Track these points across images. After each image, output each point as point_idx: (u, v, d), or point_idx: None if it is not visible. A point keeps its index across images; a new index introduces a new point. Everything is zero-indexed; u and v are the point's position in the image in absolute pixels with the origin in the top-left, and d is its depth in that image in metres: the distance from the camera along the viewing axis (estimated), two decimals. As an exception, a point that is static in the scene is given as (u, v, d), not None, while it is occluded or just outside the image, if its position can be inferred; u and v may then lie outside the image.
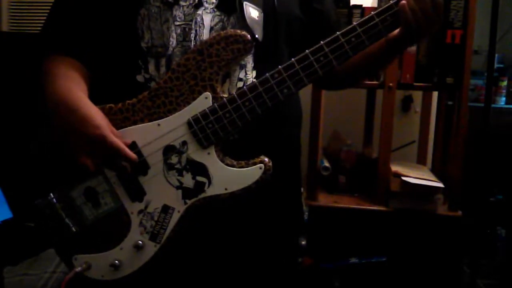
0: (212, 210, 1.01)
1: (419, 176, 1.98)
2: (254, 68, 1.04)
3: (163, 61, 1.02)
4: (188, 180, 0.97)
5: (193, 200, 0.97)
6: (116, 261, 0.98)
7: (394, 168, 2.01)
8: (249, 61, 1.03)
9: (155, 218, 0.98)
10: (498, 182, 2.93)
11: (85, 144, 0.94)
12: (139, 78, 1.03)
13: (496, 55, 2.50)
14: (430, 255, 1.98)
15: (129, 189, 0.99)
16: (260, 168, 0.95)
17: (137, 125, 0.99)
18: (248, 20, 0.99)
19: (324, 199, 2.10)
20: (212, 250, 1.07)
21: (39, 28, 1.12)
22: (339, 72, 1.13)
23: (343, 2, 2.06)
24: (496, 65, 2.99)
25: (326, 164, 2.12)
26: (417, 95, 2.53)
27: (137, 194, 0.99)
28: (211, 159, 0.97)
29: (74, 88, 0.99)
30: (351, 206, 2.04)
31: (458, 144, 2.00)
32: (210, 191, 0.96)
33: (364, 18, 0.96)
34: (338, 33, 0.95)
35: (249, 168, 0.96)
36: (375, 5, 2.07)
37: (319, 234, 2.01)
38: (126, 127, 0.99)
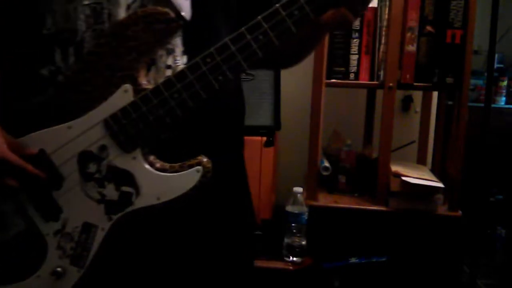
0: (149, 220, 0.87)
1: (419, 176, 1.98)
2: (184, 52, 0.88)
3: (71, 50, 0.85)
4: (111, 191, 0.82)
5: (119, 214, 0.82)
6: None
7: (394, 168, 2.01)
8: (178, 44, 0.87)
9: (75, 239, 0.82)
10: (498, 182, 2.93)
11: None
12: (44, 71, 0.86)
13: (496, 55, 2.51)
14: (430, 255, 1.98)
15: (41, 207, 0.83)
16: (198, 171, 0.80)
17: (44, 130, 0.83)
18: None
19: (324, 199, 2.09)
20: (157, 263, 0.92)
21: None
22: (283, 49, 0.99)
23: (343, 2, 2.06)
24: (496, 65, 3.00)
25: (326, 164, 2.12)
26: (417, 95, 2.53)
27: (52, 212, 0.83)
28: (137, 165, 0.81)
29: None
30: (351, 206, 2.04)
31: (458, 144, 2.00)
32: (139, 203, 0.81)
33: None
34: (277, 5, 0.80)
35: (184, 172, 0.81)
36: (375, 5, 2.07)
37: (319, 234, 2.01)
38: (30, 132, 0.83)
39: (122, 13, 0.84)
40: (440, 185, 1.95)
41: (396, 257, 1.97)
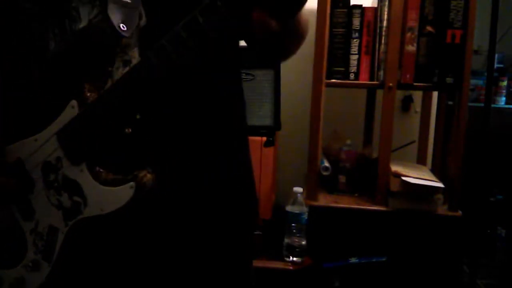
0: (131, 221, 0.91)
1: (419, 176, 1.98)
2: None
3: (44, 67, 0.91)
4: (65, 200, 0.88)
5: (72, 221, 0.88)
6: (17, 279, 0.94)
7: (394, 168, 2.01)
8: (135, 55, 0.86)
9: (44, 238, 0.91)
10: (498, 182, 2.93)
11: None
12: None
13: (496, 55, 2.51)
14: (430, 255, 1.98)
15: (20, 208, 0.93)
16: (131, 187, 0.82)
17: (19, 142, 0.92)
18: (111, 9, 0.83)
19: (324, 199, 2.10)
20: (146, 263, 0.95)
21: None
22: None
23: (343, 2, 2.07)
24: (496, 65, 2.99)
25: (326, 164, 2.12)
26: (417, 95, 2.53)
27: (27, 213, 0.93)
28: (84, 177, 0.86)
29: None
30: (351, 206, 2.04)
31: (458, 144, 2.00)
32: (86, 212, 0.86)
33: None
34: (196, 11, 0.75)
35: (119, 187, 0.83)
36: (375, 5, 2.07)
37: (319, 234, 2.01)
38: (14, 142, 0.93)
39: None
40: (440, 185, 1.95)
41: (396, 257, 1.97)
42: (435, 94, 2.40)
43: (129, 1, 0.84)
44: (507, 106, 3.32)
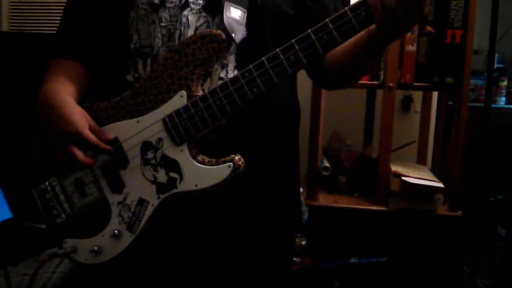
0: (202, 206, 1.04)
1: (419, 176, 1.98)
2: (236, 67, 1.04)
3: (149, 61, 1.06)
4: (161, 175, 1.01)
5: (165, 195, 1.00)
6: (97, 247, 1.05)
7: (394, 168, 2.01)
8: (232, 60, 1.04)
9: (132, 210, 1.03)
10: (498, 182, 2.93)
11: (64, 140, 1.01)
12: (129, 77, 1.08)
13: (496, 55, 2.51)
14: (430, 255, 1.98)
15: (110, 181, 1.05)
16: (229, 166, 0.96)
17: (119, 122, 1.04)
18: (226, 20, 1.01)
19: (324, 199, 2.10)
20: (201, 246, 1.09)
21: (39, 28, 1.16)
22: (328, 70, 1.11)
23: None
24: (496, 65, 2.99)
25: (326, 164, 2.13)
26: (417, 95, 2.53)
27: (117, 186, 1.04)
28: (183, 156, 0.99)
29: (60, 89, 1.05)
30: (351, 206, 2.04)
31: (458, 144, 2.00)
32: (181, 187, 0.99)
33: (337, 14, 0.92)
34: (309, 30, 0.93)
35: (218, 166, 0.97)
36: (375, 5, 2.07)
37: (319, 234, 2.02)
38: (110, 123, 1.05)
39: (191, 33, 1.03)
40: (440, 185, 1.95)
41: (396, 257, 1.98)
42: (435, 94, 2.40)
43: (238, 18, 1.02)
44: (507, 106, 3.33)
